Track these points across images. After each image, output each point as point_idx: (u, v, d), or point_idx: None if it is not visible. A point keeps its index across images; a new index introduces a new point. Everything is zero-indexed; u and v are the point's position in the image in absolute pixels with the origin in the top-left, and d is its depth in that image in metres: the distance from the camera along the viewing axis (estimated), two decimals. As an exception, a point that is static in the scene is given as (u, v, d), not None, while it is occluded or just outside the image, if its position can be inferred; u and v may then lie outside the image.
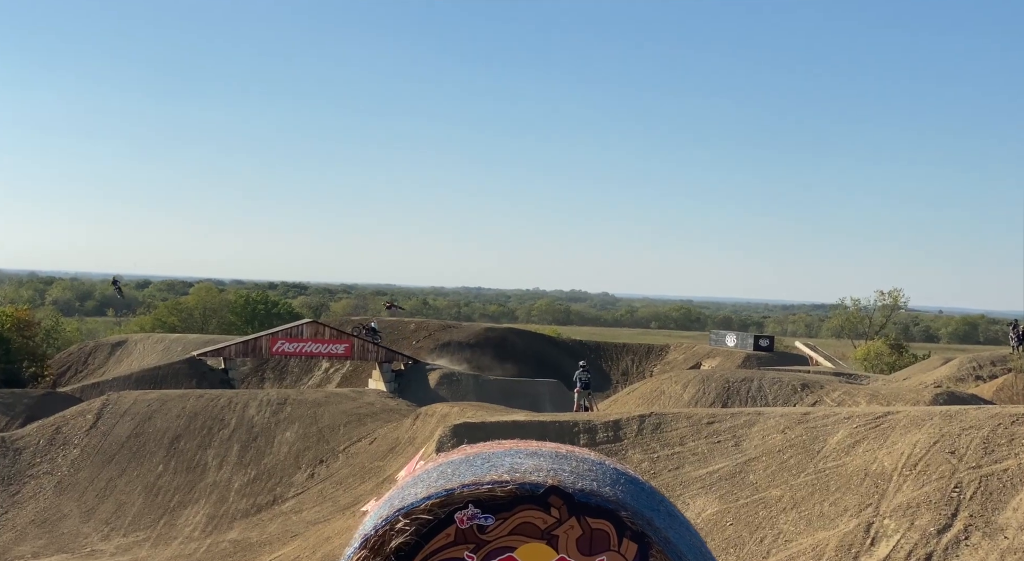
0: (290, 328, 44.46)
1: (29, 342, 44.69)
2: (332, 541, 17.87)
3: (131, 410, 27.68)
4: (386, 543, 2.68)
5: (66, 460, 25.99)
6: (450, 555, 2.61)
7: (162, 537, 22.66)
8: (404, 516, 2.55)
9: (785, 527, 13.56)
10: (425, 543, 2.67)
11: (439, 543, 2.64)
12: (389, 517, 2.70)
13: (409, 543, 2.65)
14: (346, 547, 2.06)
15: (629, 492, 2.12)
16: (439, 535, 2.67)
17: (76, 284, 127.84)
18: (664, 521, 2.02)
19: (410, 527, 2.60)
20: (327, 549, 17.51)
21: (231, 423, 27.39)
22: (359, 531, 2.66)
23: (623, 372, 50.83)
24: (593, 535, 2.31)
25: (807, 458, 15.20)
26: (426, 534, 2.71)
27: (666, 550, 1.89)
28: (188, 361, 41.86)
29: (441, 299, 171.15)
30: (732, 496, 14.85)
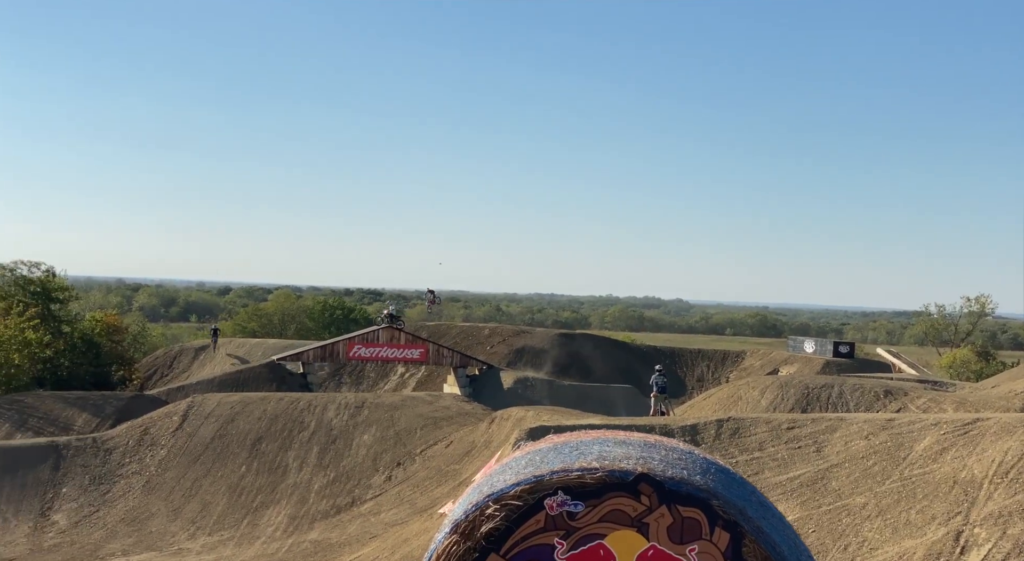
0: (366, 333, 44.99)
1: (118, 346, 46.06)
2: (410, 542, 18.02)
3: (215, 412, 28.32)
4: (476, 528, 2.71)
5: (154, 460, 26.71)
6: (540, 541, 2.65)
7: (246, 537, 23.13)
8: (494, 502, 2.59)
9: (870, 535, 13.26)
10: (515, 528, 2.70)
11: (529, 529, 2.67)
12: (479, 503, 2.73)
13: (499, 528, 2.68)
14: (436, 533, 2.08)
15: (720, 481, 2.10)
16: (529, 521, 2.70)
17: (161, 291, 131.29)
18: (757, 511, 2.00)
19: (500, 513, 2.63)
20: (405, 550, 17.67)
21: (311, 425, 27.84)
22: (448, 517, 2.69)
23: (698, 378, 50.29)
24: (684, 524, 2.30)
25: (892, 465, 14.85)
26: (516, 520, 2.73)
27: (759, 540, 1.87)
28: (268, 365, 42.67)
29: (514, 305, 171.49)
30: (814, 502, 14.58)
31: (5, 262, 43.99)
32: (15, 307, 40.36)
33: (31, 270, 43.78)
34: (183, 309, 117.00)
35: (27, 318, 39.63)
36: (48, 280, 43.80)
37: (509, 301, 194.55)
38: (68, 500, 25.32)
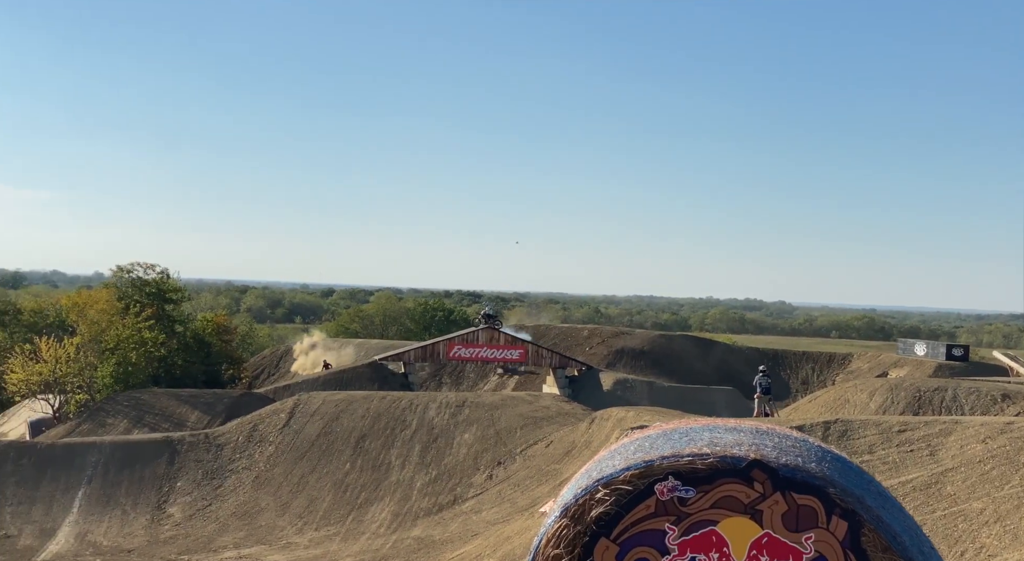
0: (466, 334, 45.39)
1: (227, 346, 47.51)
2: (512, 541, 18.11)
3: (320, 410, 28.97)
4: (586, 512, 2.72)
5: (262, 456, 27.47)
6: (650, 526, 2.64)
7: (351, 532, 23.59)
8: (604, 486, 2.59)
9: (988, 541, 12.77)
10: (625, 513, 2.70)
11: (639, 514, 2.67)
12: (589, 487, 2.73)
13: (609, 513, 2.68)
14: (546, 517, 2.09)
15: (836, 469, 2.06)
16: (639, 506, 2.69)
17: (268, 293, 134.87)
18: (875, 501, 1.96)
19: (610, 497, 2.63)
20: (507, 549, 17.76)
21: (412, 424, 28.23)
22: (558, 500, 2.70)
23: (803, 380, 49.18)
24: (800, 511, 2.27)
25: (1011, 469, 14.26)
26: (626, 505, 2.73)
27: (879, 529, 1.82)
28: (371, 365, 43.43)
29: (613, 307, 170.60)
30: (927, 507, 14.11)
31: (123, 264, 45.83)
32: (133, 308, 42.02)
33: (147, 272, 45.53)
34: (288, 310, 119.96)
35: (143, 318, 41.24)
36: (163, 282, 45.48)
37: (608, 303, 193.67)
38: (182, 494, 26.24)
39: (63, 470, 26.38)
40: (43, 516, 24.99)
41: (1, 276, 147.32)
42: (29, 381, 36.80)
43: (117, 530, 24.69)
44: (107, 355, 38.99)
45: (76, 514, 25.11)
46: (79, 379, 37.70)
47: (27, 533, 24.34)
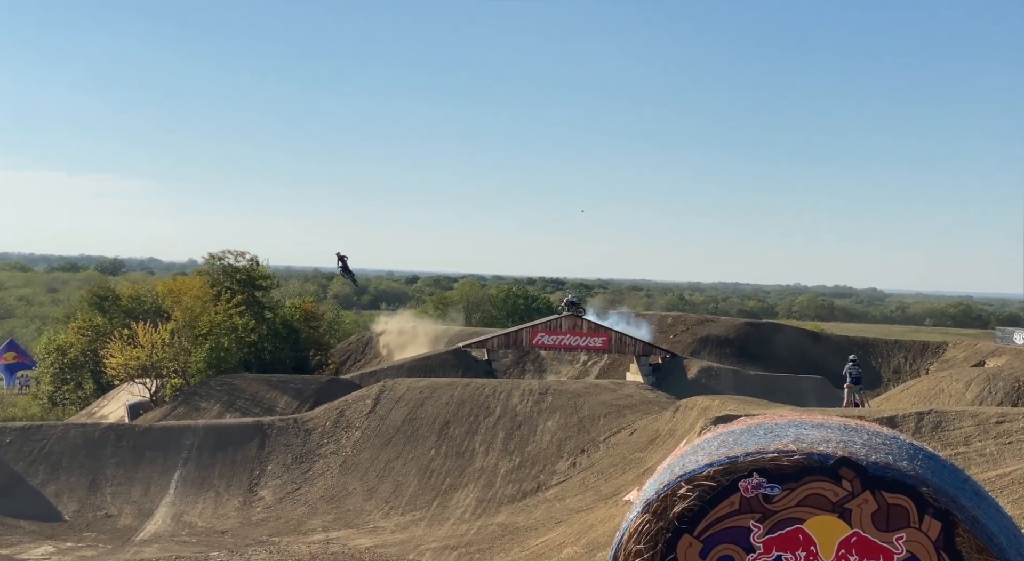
0: (549, 321, 45.39)
1: (315, 332, 48.37)
2: (596, 529, 18.10)
3: (405, 396, 29.34)
4: (669, 508, 2.68)
5: (349, 441, 27.96)
6: (735, 523, 2.58)
7: (436, 518, 23.87)
8: (686, 482, 2.55)
9: (1089, 539, 12.28)
10: (709, 510, 2.65)
11: (723, 510, 2.61)
12: (671, 483, 2.69)
13: (692, 509, 2.63)
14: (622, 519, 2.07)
15: (929, 468, 1.99)
16: (723, 503, 2.64)
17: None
18: (971, 500, 1.88)
19: (693, 493, 2.59)
20: (591, 537, 17.76)
21: (496, 411, 28.39)
22: (640, 496, 2.67)
23: (894, 370, 47.95)
24: (890, 511, 2.19)
25: (1116, 464, 13.70)
26: (709, 501, 2.68)
27: (975, 530, 1.75)
28: (454, 352, 43.77)
29: (697, 294, 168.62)
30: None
31: (215, 252, 47.00)
32: (224, 294, 43.08)
33: (237, 259, 46.59)
34: (374, 297, 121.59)
35: (234, 304, 42.26)
36: (252, 269, 46.47)
37: (692, 290, 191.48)
38: (273, 477, 26.88)
39: (160, 452, 27.25)
40: (141, 496, 25.88)
41: (101, 263, 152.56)
42: (127, 365, 38.03)
43: (211, 511, 25.43)
44: (200, 341, 40.06)
45: (172, 495, 25.93)
46: (174, 364, 38.83)
47: (127, 513, 25.24)
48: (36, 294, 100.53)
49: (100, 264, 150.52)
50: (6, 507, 24.96)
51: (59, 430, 28.39)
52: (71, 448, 27.23)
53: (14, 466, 26.48)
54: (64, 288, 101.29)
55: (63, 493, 25.85)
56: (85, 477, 26.41)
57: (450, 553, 20.43)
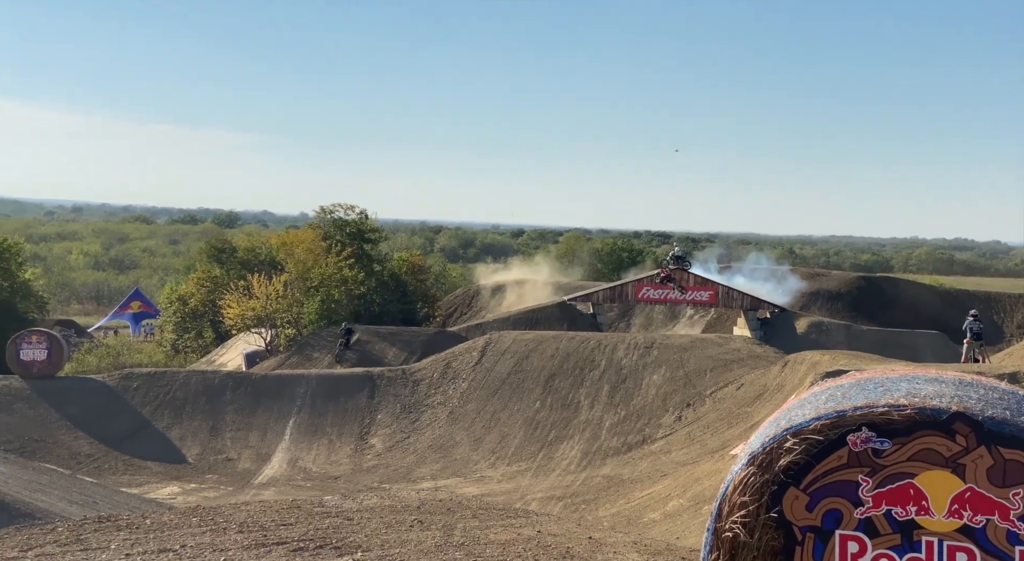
0: (654, 275, 45.03)
1: (422, 285, 49.14)
2: (702, 482, 18.06)
3: (511, 349, 29.63)
4: (774, 461, 2.67)
5: (456, 392, 28.45)
6: (843, 477, 2.56)
7: (541, 468, 24.18)
8: (792, 435, 2.54)
9: None
10: (815, 463, 2.63)
11: (830, 464, 2.60)
12: (777, 436, 2.69)
13: (799, 463, 2.63)
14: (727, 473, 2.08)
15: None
16: (830, 456, 2.62)
17: (460, 233, 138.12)
18: None
19: (799, 447, 2.58)
20: (697, 490, 17.73)
21: (601, 364, 28.45)
22: (745, 448, 2.67)
23: (1018, 325, 46.04)
24: (1007, 467, 2.15)
25: None
26: (816, 455, 2.66)
27: (1096, 486, 1.72)
28: (560, 305, 43.89)
29: (808, 248, 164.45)
30: None
31: (326, 205, 48.01)
32: (334, 247, 44.08)
33: (347, 213, 47.54)
34: (480, 250, 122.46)
35: (344, 257, 43.23)
36: (362, 222, 47.39)
37: (803, 244, 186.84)
38: (383, 426, 27.61)
39: (275, 400, 28.25)
40: (259, 442, 26.92)
41: (218, 216, 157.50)
42: (244, 316, 39.39)
43: (324, 458, 26.31)
44: (312, 292, 41.16)
45: (288, 441, 26.90)
46: (287, 315, 40.04)
47: (245, 457, 26.31)
48: (159, 245, 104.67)
49: (217, 217, 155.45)
50: (135, 449, 26.30)
51: (182, 377, 29.66)
52: (193, 394, 28.44)
53: (141, 410, 27.83)
54: (184, 240, 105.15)
55: (186, 436, 27.07)
56: (206, 422, 27.59)
57: (556, 503, 20.69)
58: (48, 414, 26.89)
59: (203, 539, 8.12)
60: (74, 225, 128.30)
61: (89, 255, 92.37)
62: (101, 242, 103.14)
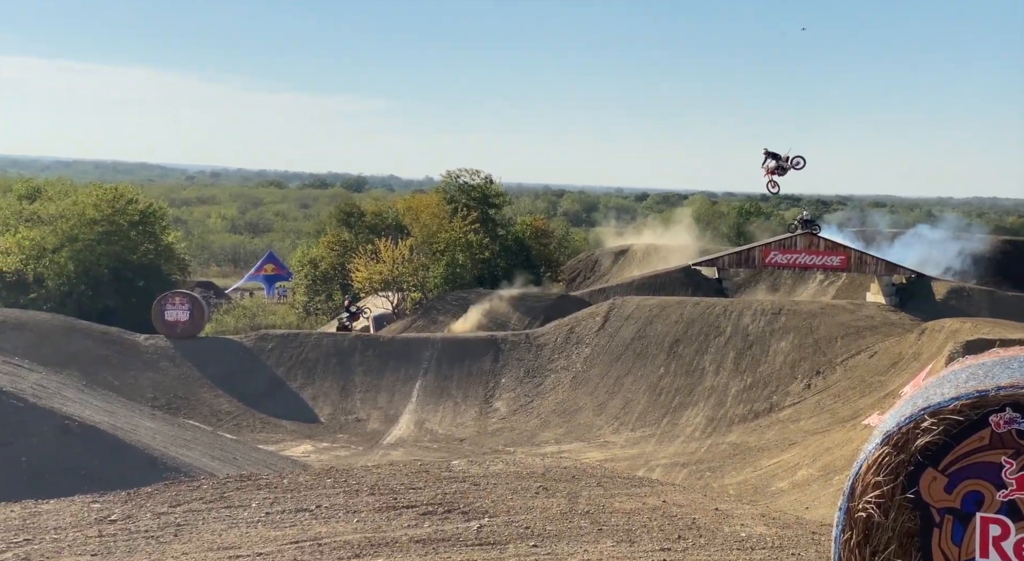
0: (783, 239, 43.91)
1: (545, 249, 49.25)
2: (832, 452, 17.68)
3: (634, 314, 29.49)
4: (911, 441, 2.60)
5: (579, 357, 28.54)
6: (984, 459, 2.48)
7: (665, 435, 24.09)
8: (930, 415, 2.47)
9: None
10: (955, 444, 2.55)
11: (971, 445, 2.51)
12: (914, 415, 2.61)
13: (937, 443, 2.55)
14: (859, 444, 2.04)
15: None
16: (971, 437, 2.53)
17: (583, 197, 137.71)
18: None
19: (937, 427, 2.50)
20: (827, 459, 17.38)
21: (726, 331, 28.04)
22: (879, 428, 2.61)
23: None
24: None
25: None
26: (956, 435, 2.58)
27: None
28: (684, 270, 43.34)
29: (948, 209, 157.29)
30: None
31: (452, 170, 48.55)
32: (459, 211, 44.60)
33: (472, 177, 47.98)
34: (603, 214, 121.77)
35: (469, 222, 43.69)
36: (486, 187, 47.74)
37: (942, 206, 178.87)
38: (506, 390, 27.96)
39: (402, 362, 28.93)
40: (387, 403, 27.67)
41: (346, 181, 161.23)
42: (371, 279, 40.35)
43: (450, 420, 26.85)
44: (437, 256, 41.81)
45: (415, 403, 27.55)
46: (413, 279, 40.81)
47: (374, 417, 27.10)
48: (291, 209, 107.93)
49: (346, 181, 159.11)
50: (270, 407, 27.41)
51: (313, 338, 30.67)
52: (324, 355, 29.39)
53: (276, 370, 28.94)
54: (315, 204, 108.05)
55: (318, 397, 28.04)
56: (337, 382, 28.49)
57: (680, 470, 20.61)
58: (191, 373, 28.25)
59: (337, 500, 8.43)
60: (212, 189, 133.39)
61: (226, 219, 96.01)
62: (237, 206, 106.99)
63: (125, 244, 42.41)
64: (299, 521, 7.79)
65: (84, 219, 41.68)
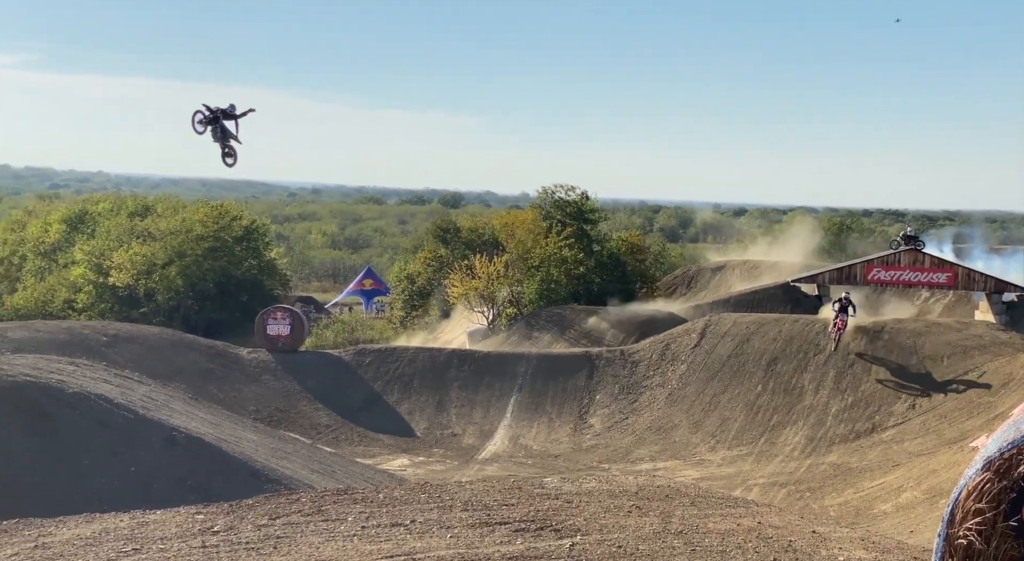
0: (886, 256, 42.73)
1: (641, 265, 48.94)
2: (938, 475, 17.13)
3: (731, 331, 29.06)
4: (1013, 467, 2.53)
5: (675, 374, 28.25)
6: None
7: (763, 454, 23.65)
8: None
9: None
10: (1063, 471, 2.43)
11: (1081, 473, 2.38)
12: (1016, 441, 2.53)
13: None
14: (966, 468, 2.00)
15: None
16: (1081, 464, 2.40)
17: (679, 212, 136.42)
18: None
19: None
20: (933, 482, 16.84)
21: (827, 348, 27.39)
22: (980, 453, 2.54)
23: None
24: None
25: None
26: (1065, 462, 2.45)
27: None
28: (783, 286, 42.54)
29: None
30: None
31: (547, 186, 48.69)
32: (555, 227, 44.69)
33: (567, 193, 48.03)
34: (699, 230, 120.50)
35: (564, 237, 43.74)
36: (582, 202, 47.75)
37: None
38: (601, 406, 27.84)
39: (497, 377, 29.08)
40: (482, 418, 27.83)
41: (443, 197, 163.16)
42: (467, 295, 40.72)
43: (545, 436, 26.86)
44: (532, 272, 41.95)
45: (509, 418, 27.65)
46: (508, 294, 41.03)
47: (469, 432, 27.29)
48: (389, 225, 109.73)
49: (442, 198, 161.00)
50: (367, 421, 27.86)
51: (410, 353, 31.08)
52: (420, 370, 29.75)
53: (373, 384, 29.41)
54: (412, 220, 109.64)
55: (414, 411, 28.38)
56: (432, 397, 28.80)
57: (779, 490, 20.21)
58: (291, 386, 28.93)
59: (431, 515, 8.52)
60: (313, 206, 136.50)
61: (326, 234, 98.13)
62: (337, 222, 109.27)
63: (230, 259, 43.76)
64: (394, 536, 7.90)
65: (192, 235, 43.19)
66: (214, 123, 13.19)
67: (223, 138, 13.34)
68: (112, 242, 44.47)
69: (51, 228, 49.97)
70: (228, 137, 13.39)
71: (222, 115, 13.22)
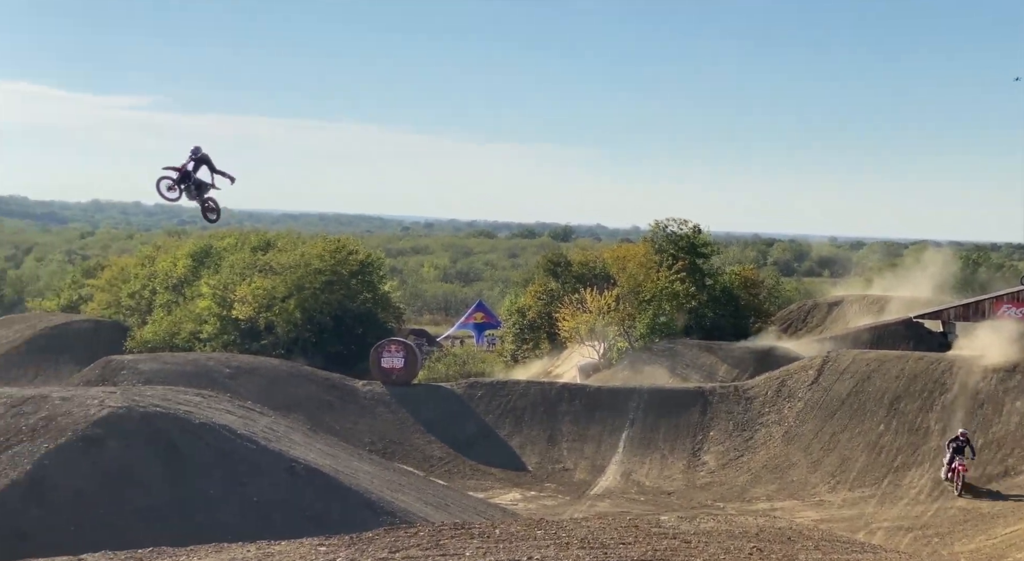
0: (1018, 292, 40.89)
1: (754, 299, 48.04)
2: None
3: (850, 368, 28.19)
4: None
5: (792, 411, 27.53)
6: None
7: (887, 496, 22.79)
8: None
9: None
10: None
11: None
12: None
13: None
14: None
15: None
16: None
17: (794, 246, 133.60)
18: None
19: None
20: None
21: (953, 388, 26.32)
22: None
23: None
24: None
25: None
26: None
27: None
28: (905, 322, 41.11)
29: None
30: None
31: (660, 219, 48.38)
32: (666, 261, 44.30)
33: (680, 227, 47.60)
34: (815, 264, 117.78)
35: (676, 271, 43.30)
36: (694, 236, 47.22)
37: None
38: (715, 443, 27.32)
39: (609, 412, 28.86)
40: (593, 453, 27.63)
41: (554, 230, 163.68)
42: (578, 328, 40.63)
43: (657, 472, 26.48)
44: (644, 306, 41.60)
45: (621, 454, 27.38)
46: (619, 328, 40.76)
47: (581, 467, 27.11)
48: (499, 259, 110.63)
49: (553, 231, 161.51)
50: (480, 454, 27.97)
51: (521, 387, 31.13)
52: (531, 404, 29.76)
53: (485, 418, 29.55)
54: (523, 253, 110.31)
55: (526, 445, 28.37)
56: (544, 431, 28.75)
57: (904, 534, 19.44)
58: (405, 418, 29.32)
59: (547, 552, 8.49)
60: (426, 240, 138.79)
61: (438, 268, 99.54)
62: (449, 256, 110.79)
63: (345, 292, 44.75)
64: (511, 572, 7.88)
65: (310, 269, 44.37)
66: (185, 181, 12.53)
67: (199, 194, 12.68)
68: (235, 276, 46.04)
69: (179, 263, 52.05)
70: (204, 190, 12.73)
71: (193, 167, 12.54)
